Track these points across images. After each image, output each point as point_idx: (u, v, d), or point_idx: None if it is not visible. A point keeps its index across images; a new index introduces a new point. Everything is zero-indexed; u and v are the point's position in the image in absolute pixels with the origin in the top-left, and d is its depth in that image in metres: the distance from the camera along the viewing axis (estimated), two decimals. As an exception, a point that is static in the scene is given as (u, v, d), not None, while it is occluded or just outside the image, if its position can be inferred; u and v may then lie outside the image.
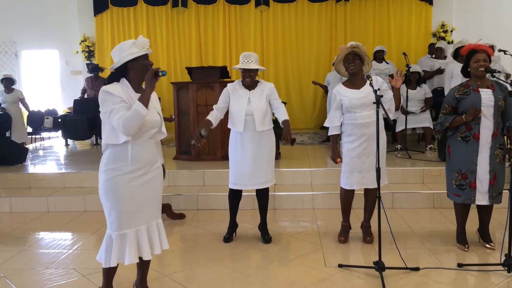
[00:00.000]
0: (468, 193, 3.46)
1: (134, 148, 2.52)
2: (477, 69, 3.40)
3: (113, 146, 2.51)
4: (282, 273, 3.29)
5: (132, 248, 2.55)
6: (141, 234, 2.60)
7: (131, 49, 2.51)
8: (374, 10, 9.53)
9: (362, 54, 3.61)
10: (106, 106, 2.45)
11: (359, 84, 3.63)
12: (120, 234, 2.54)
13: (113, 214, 2.54)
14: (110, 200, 2.53)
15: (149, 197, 2.63)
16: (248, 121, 3.68)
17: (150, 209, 2.64)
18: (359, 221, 3.97)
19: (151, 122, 2.56)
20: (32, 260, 3.68)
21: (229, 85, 3.84)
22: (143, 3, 9.79)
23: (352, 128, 3.62)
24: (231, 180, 3.84)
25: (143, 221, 2.61)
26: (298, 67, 9.73)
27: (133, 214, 2.56)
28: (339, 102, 3.65)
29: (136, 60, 2.52)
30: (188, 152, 6.09)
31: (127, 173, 2.51)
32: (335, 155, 3.73)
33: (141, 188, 2.58)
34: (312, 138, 8.27)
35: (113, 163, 2.51)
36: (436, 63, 7.67)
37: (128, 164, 2.51)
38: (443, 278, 3.12)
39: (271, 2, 9.62)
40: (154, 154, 2.66)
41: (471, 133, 3.42)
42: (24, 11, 10.04)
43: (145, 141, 2.57)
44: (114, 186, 2.51)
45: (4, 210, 5.13)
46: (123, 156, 2.50)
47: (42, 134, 9.50)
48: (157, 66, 9.99)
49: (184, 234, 4.24)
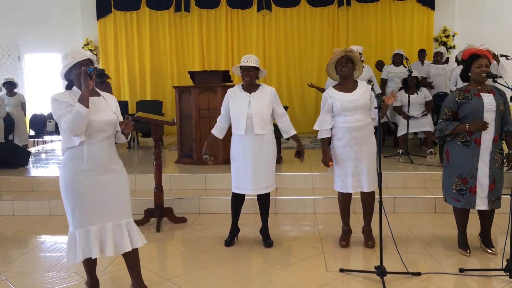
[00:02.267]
0: (468, 198, 3.46)
1: (90, 147, 2.66)
2: (479, 74, 3.39)
3: (70, 148, 2.66)
4: (283, 277, 3.29)
5: (94, 243, 2.66)
6: (104, 231, 2.70)
7: (65, 61, 2.66)
8: (376, 14, 9.56)
9: (354, 58, 3.63)
10: (56, 112, 2.62)
11: (351, 88, 3.65)
12: (84, 230, 2.66)
13: (76, 211, 2.67)
14: (71, 198, 2.67)
15: (111, 197, 2.73)
16: (249, 124, 3.69)
17: (113, 208, 2.73)
18: (360, 226, 3.96)
19: (102, 121, 2.68)
20: (34, 263, 3.69)
21: (229, 90, 3.86)
22: (146, 7, 9.84)
23: (344, 131, 3.63)
24: (234, 185, 3.85)
25: (106, 219, 2.71)
26: (300, 71, 9.75)
27: (95, 212, 2.67)
28: (330, 105, 3.66)
29: (70, 71, 2.68)
30: (190, 156, 6.10)
31: (83, 171, 2.65)
32: (326, 158, 3.74)
33: (100, 186, 2.68)
34: (314, 142, 8.27)
35: (71, 162, 2.67)
36: (433, 68, 7.64)
37: (84, 162, 2.65)
38: (444, 283, 3.12)
39: (273, 6, 9.66)
40: (112, 155, 2.78)
41: (472, 138, 3.41)
42: (28, 15, 10.09)
43: (101, 141, 2.70)
44: (73, 183, 2.65)
45: (7, 213, 5.14)
46: (79, 156, 2.65)
47: (44, 137, 9.53)
48: (160, 69, 10.15)
49: (186, 238, 4.24)
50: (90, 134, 2.64)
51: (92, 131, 2.64)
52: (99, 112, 2.68)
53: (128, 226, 2.77)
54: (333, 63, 3.68)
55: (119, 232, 2.74)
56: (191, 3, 9.77)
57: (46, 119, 9.17)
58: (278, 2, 9.63)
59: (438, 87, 7.54)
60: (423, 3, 9.42)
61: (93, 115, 2.63)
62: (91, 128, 2.63)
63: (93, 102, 2.66)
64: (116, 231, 2.73)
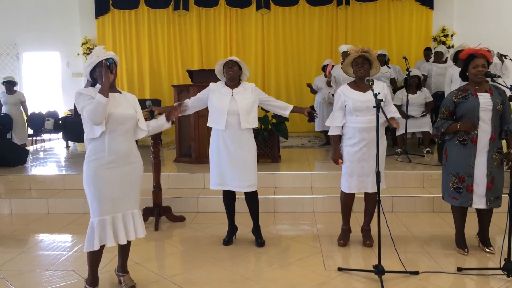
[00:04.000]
0: (465, 196, 3.47)
1: (111, 140, 2.84)
2: (475, 75, 3.40)
3: (93, 140, 2.85)
4: (281, 276, 3.29)
5: (110, 232, 2.85)
6: (117, 221, 2.89)
7: (90, 60, 2.87)
8: (375, 14, 9.57)
9: (371, 58, 3.61)
10: (79, 105, 2.82)
11: (365, 87, 3.58)
12: (100, 219, 2.83)
13: (94, 202, 2.84)
14: (92, 190, 2.84)
15: (126, 188, 2.92)
16: (230, 120, 3.69)
17: (127, 199, 2.93)
18: (359, 225, 3.97)
19: (122, 115, 2.87)
20: (32, 262, 3.69)
21: (212, 84, 3.87)
22: (145, 5, 9.83)
23: (353, 131, 3.62)
24: (213, 181, 3.82)
25: (119, 209, 2.90)
26: (299, 70, 9.76)
27: (111, 202, 2.86)
28: (343, 102, 3.64)
29: (94, 69, 2.88)
30: (189, 155, 6.10)
31: (105, 163, 2.83)
32: (336, 155, 3.72)
33: (118, 178, 2.88)
34: (313, 141, 8.28)
35: (94, 155, 2.84)
36: (434, 67, 7.66)
37: (106, 155, 2.83)
38: (442, 282, 3.12)
39: (272, 5, 9.66)
40: (131, 148, 2.96)
41: (469, 137, 3.42)
42: (26, 13, 10.07)
43: (121, 135, 2.88)
44: (94, 175, 2.82)
45: (5, 211, 5.13)
46: (101, 148, 2.83)
47: (42, 136, 9.51)
48: (159, 68, 10.15)
49: (184, 237, 4.24)
50: (111, 126, 2.82)
51: (112, 123, 2.83)
52: (119, 106, 2.88)
53: (134, 216, 2.98)
54: (349, 63, 3.66)
55: (128, 221, 2.94)
56: (190, 2, 9.76)
57: (45, 117, 9.15)
58: (277, 1, 9.63)
59: (439, 86, 7.55)
60: (421, 3, 9.43)
61: (113, 108, 2.83)
62: (111, 120, 2.82)
63: (113, 96, 2.86)
64: (126, 220, 2.93)
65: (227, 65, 3.75)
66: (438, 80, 7.55)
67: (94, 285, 3.00)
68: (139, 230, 3.00)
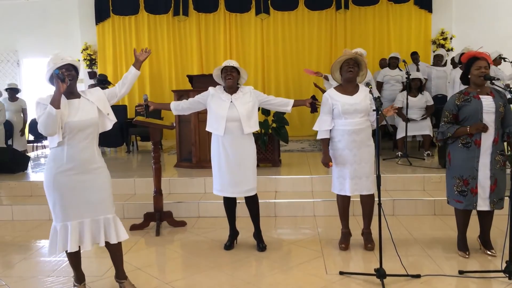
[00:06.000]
0: (469, 199, 3.47)
1: (70, 148, 2.81)
2: (478, 76, 3.42)
3: (53, 148, 2.83)
4: (283, 280, 3.29)
5: (73, 237, 2.84)
6: (83, 226, 2.87)
7: (47, 67, 2.84)
8: (374, 17, 9.59)
9: (362, 64, 3.66)
10: (37, 115, 2.78)
11: (352, 91, 3.66)
12: (63, 225, 2.84)
13: (56, 207, 2.84)
14: (52, 195, 2.84)
15: (91, 194, 2.88)
16: (229, 126, 3.69)
17: (93, 205, 2.88)
18: (360, 228, 3.97)
19: (80, 122, 2.81)
20: (34, 268, 3.69)
21: (211, 89, 3.88)
22: (145, 11, 9.87)
23: (342, 134, 3.64)
24: (216, 187, 3.84)
25: (87, 215, 2.87)
26: (298, 74, 9.76)
27: (74, 208, 2.84)
28: (331, 106, 3.67)
29: (52, 76, 2.83)
30: (189, 160, 6.11)
31: (63, 171, 2.81)
32: (327, 159, 3.74)
33: (80, 184, 2.84)
34: (313, 145, 8.28)
35: (52, 161, 2.83)
36: (433, 70, 7.68)
37: (64, 163, 2.81)
38: (444, 285, 3.12)
39: (272, 10, 9.70)
40: (92, 155, 2.91)
41: (472, 139, 3.43)
42: (26, 20, 10.12)
43: (80, 142, 2.84)
44: (53, 182, 2.82)
45: (6, 218, 5.14)
46: (60, 156, 2.81)
47: (43, 142, 9.52)
48: (159, 74, 10.19)
49: (185, 242, 4.24)
50: (69, 135, 2.79)
51: (70, 132, 2.79)
52: (77, 113, 2.82)
53: (105, 221, 2.93)
54: (340, 62, 3.68)
55: (97, 227, 2.91)
56: (189, 7, 9.80)
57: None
58: (276, 6, 9.67)
59: (438, 90, 7.56)
60: (420, 6, 9.46)
61: (70, 117, 2.79)
62: (69, 129, 2.78)
63: (71, 103, 2.83)
64: (94, 226, 2.90)
65: (226, 71, 3.75)
66: (438, 83, 7.57)
67: (81, 281, 3.09)
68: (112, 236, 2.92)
